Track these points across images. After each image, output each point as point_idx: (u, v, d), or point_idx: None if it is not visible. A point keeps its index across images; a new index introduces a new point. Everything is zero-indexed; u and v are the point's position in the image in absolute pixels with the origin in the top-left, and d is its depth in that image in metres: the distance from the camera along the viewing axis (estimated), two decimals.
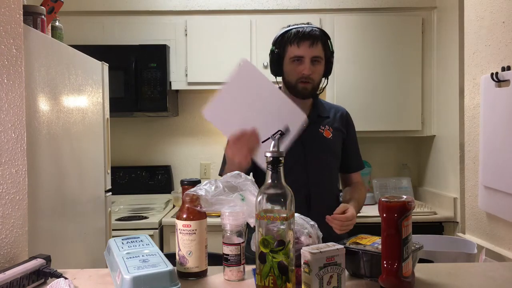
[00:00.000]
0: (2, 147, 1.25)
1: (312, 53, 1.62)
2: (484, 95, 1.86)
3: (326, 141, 1.72)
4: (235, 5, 3.07)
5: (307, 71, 1.62)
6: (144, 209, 3.03)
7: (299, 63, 1.63)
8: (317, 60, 1.64)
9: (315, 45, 1.62)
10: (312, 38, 1.62)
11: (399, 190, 3.25)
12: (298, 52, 1.63)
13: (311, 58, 1.63)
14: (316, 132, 1.71)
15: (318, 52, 1.63)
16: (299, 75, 1.64)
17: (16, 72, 1.28)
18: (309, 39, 1.62)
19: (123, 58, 2.93)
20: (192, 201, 1.16)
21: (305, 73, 1.62)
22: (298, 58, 1.63)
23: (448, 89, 2.86)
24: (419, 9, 3.07)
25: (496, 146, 1.80)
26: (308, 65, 1.62)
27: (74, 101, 1.85)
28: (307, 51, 1.62)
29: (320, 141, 1.71)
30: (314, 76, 1.65)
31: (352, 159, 1.82)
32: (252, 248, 1.12)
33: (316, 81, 1.66)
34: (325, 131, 1.72)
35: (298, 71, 1.64)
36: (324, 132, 1.72)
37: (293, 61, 1.64)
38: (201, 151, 3.40)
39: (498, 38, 1.75)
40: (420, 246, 1.15)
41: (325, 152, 1.72)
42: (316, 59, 1.64)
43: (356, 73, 3.03)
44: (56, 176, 1.68)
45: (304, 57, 1.62)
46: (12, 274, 1.07)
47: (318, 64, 1.65)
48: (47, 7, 1.72)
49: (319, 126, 1.72)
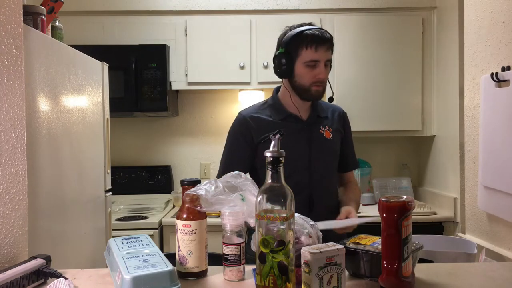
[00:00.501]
0: (2, 147, 1.25)
1: (326, 56, 1.64)
2: (484, 95, 1.86)
3: (327, 142, 1.72)
4: (235, 5, 3.07)
5: (323, 75, 1.63)
6: (144, 209, 3.03)
7: (314, 67, 1.62)
8: (329, 63, 1.66)
9: (330, 49, 1.64)
10: (328, 42, 1.63)
11: (399, 190, 3.25)
12: (315, 56, 1.61)
13: (325, 62, 1.64)
14: (317, 133, 1.71)
15: (331, 56, 1.65)
16: (314, 78, 1.63)
17: (16, 72, 1.28)
18: (326, 43, 1.62)
19: (123, 58, 2.93)
20: (192, 201, 1.16)
21: (321, 77, 1.63)
22: (314, 62, 1.62)
23: (448, 89, 2.86)
24: (419, 9, 3.07)
25: (496, 147, 1.80)
26: (323, 69, 1.63)
27: (74, 101, 1.85)
28: (323, 55, 1.62)
29: (321, 142, 1.71)
30: (325, 79, 1.67)
31: (349, 158, 1.84)
32: (252, 248, 1.11)
33: (325, 83, 1.68)
34: (325, 131, 1.72)
35: (313, 74, 1.62)
36: (324, 133, 1.72)
37: (307, 65, 1.62)
38: (201, 151, 3.40)
39: (498, 38, 1.75)
40: (420, 246, 1.15)
41: (327, 153, 1.73)
42: (328, 63, 1.65)
43: (356, 73, 3.03)
44: (56, 176, 1.68)
45: (320, 61, 1.62)
46: (12, 274, 1.07)
47: (328, 68, 1.67)
48: (47, 7, 1.72)
49: (319, 126, 1.72)
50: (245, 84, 3.05)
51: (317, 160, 1.69)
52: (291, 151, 1.66)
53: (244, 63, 3.00)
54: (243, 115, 1.73)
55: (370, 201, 3.10)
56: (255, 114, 1.72)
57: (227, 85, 3.09)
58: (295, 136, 1.67)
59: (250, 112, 1.74)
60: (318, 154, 1.69)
